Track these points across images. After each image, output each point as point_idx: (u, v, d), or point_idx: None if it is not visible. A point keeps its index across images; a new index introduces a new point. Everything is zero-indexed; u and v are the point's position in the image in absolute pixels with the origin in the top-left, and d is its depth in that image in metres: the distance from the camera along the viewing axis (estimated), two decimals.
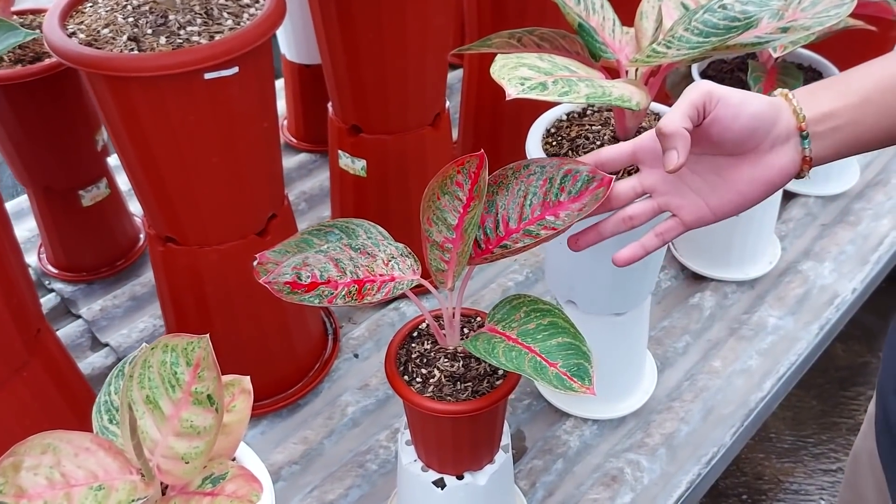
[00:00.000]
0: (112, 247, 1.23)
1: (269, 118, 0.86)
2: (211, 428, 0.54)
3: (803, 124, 0.59)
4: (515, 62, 0.68)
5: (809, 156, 0.60)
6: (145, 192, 0.85)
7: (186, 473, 0.55)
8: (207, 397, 0.54)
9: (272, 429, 1.04)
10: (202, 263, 0.90)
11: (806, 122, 0.59)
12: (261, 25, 0.77)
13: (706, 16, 0.72)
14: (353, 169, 1.11)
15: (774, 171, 0.59)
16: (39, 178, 1.11)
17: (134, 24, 0.77)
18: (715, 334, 1.17)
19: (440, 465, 0.78)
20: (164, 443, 0.56)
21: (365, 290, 0.65)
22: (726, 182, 0.61)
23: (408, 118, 1.06)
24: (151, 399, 0.56)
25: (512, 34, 0.80)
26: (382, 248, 0.69)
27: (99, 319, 1.18)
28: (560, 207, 0.68)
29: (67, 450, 0.54)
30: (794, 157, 0.60)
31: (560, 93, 0.66)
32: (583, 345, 0.64)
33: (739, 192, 0.60)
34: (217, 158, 0.82)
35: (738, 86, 1.06)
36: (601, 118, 0.88)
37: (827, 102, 0.60)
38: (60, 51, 0.74)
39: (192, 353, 0.55)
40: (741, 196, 0.60)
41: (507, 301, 0.69)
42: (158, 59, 0.73)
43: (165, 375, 0.55)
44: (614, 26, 0.82)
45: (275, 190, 0.93)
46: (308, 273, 0.65)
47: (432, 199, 0.68)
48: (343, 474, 0.98)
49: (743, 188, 0.60)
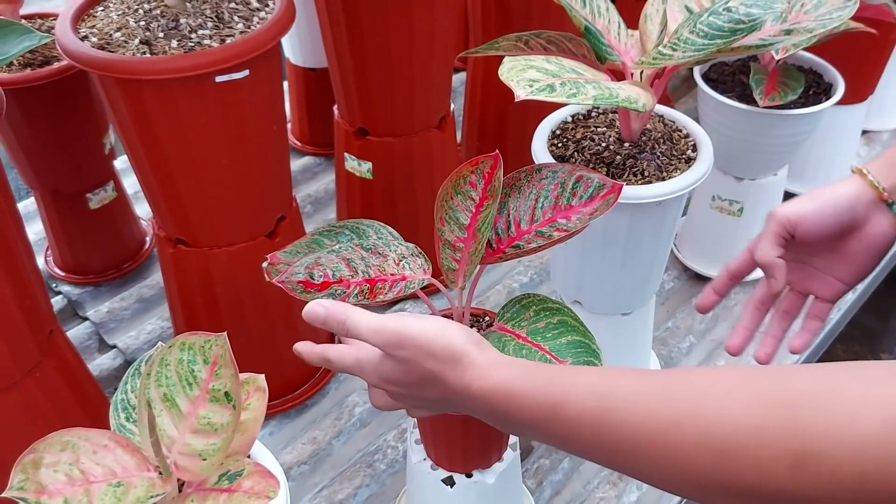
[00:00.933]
0: (119, 249, 1.24)
1: (278, 120, 0.87)
2: (228, 425, 0.55)
3: (885, 195, 0.62)
4: (524, 64, 0.69)
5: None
6: (156, 194, 0.86)
7: (203, 470, 0.56)
8: (225, 394, 0.55)
9: (281, 429, 1.05)
10: (212, 265, 0.91)
11: (887, 193, 0.62)
12: (271, 29, 0.78)
13: (711, 18, 0.73)
14: (359, 171, 1.12)
15: (879, 239, 0.64)
16: (47, 181, 1.12)
17: (146, 28, 0.78)
18: (719, 334, 1.18)
19: (449, 464, 0.79)
20: (181, 440, 0.56)
21: (377, 289, 0.66)
22: (845, 258, 0.65)
23: (414, 121, 1.07)
24: (169, 397, 0.56)
25: (519, 37, 0.81)
26: (393, 247, 0.70)
27: (107, 322, 1.19)
28: (571, 211, 0.69)
29: (86, 447, 0.55)
30: (890, 221, 0.63)
31: (568, 94, 0.67)
32: (592, 343, 0.64)
33: (859, 264, 0.65)
34: (227, 160, 0.82)
35: (739, 88, 1.08)
36: (606, 120, 0.89)
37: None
38: (73, 54, 0.75)
39: (209, 350, 0.56)
40: (862, 266, 0.65)
41: (517, 300, 0.70)
42: (171, 62, 0.74)
43: (182, 373, 0.56)
44: (619, 29, 0.83)
45: (283, 192, 0.94)
46: (321, 272, 0.66)
47: (445, 199, 0.68)
48: (352, 474, 0.98)
49: (860, 259, 0.65)
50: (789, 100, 1.01)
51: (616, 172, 0.82)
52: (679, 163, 0.84)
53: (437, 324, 0.53)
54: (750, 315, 0.71)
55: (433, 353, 0.52)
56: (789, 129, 1.04)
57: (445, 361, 0.52)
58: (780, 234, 0.64)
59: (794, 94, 1.01)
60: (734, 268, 0.70)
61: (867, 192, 0.63)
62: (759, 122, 1.03)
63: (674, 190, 0.80)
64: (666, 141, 0.86)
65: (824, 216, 0.63)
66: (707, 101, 1.07)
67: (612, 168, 0.83)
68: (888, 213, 0.63)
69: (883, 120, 1.52)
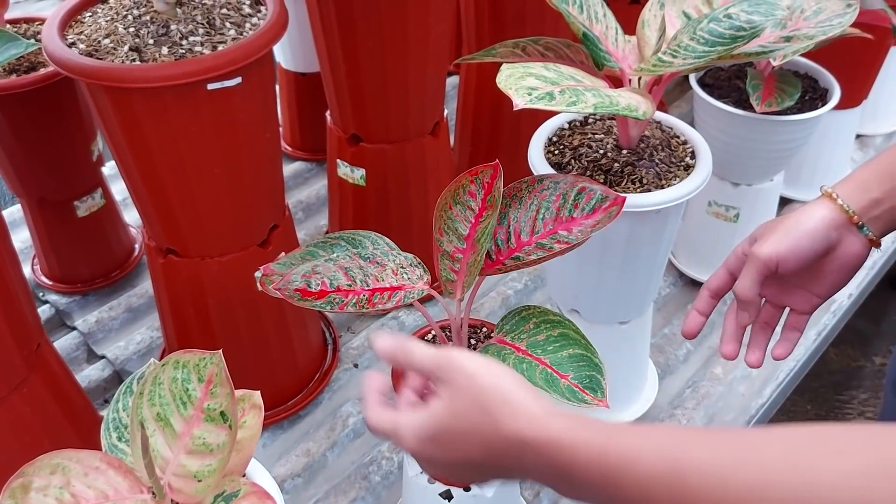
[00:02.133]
0: (107, 258, 1.22)
1: (270, 128, 0.85)
2: (224, 445, 0.53)
3: (854, 217, 0.63)
4: (522, 72, 0.68)
5: (873, 237, 0.64)
6: (146, 204, 0.84)
7: (199, 492, 0.54)
8: (220, 414, 0.54)
9: (273, 441, 1.03)
10: (204, 275, 0.89)
11: (857, 216, 0.63)
12: (264, 35, 0.76)
13: (712, 25, 0.72)
14: (352, 178, 1.10)
15: (852, 259, 0.65)
16: (34, 188, 1.10)
17: (135, 35, 0.76)
18: (716, 341, 1.17)
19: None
20: (175, 461, 0.55)
21: (376, 299, 0.65)
22: (820, 276, 0.67)
23: (408, 127, 1.05)
24: (162, 416, 0.55)
25: (516, 43, 0.80)
26: (391, 257, 0.68)
27: (95, 332, 1.17)
28: (573, 223, 0.68)
29: (77, 469, 0.53)
30: (861, 241, 0.64)
31: (568, 103, 0.66)
32: (594, 356, 0.63)
33: (832, 280, 0.67)
34: (219, 169, 0.81)
35: (735, 94, 1.07)
36: (603, 127, 0.88)
37: (874, 190, 0.63)
38: (60, 61, 0.73)
39: (204, 368, 0.54)
40: (836, 282, 0.67)
41: (516, 312, 0.69)
42: (161, 70, 0.72)
43: (177, 392, 0.55)
44: (617, 35, 0.82)
45: (276, 200, 0.93)
46: (318, 281, 0.65)
47: (444, 209, 0.67)
48: (347, 487, 0.97)
49: (834, 277, 0.66)
50: (786, 105, 1.00)
51: (614, 180, 0.81)
52: (678, 170, 0.83)
53: (483, 359, 0.49)
54: (704, 301, 0.71)
55: (482, 388, 0.47)
56: (786, 134, 1.03)
57: (493, 399, 0.47)
58: (762, 274, 0.65)
59: (791, 99, 1.00)
60: (714, 286, 0.71)
61: (838, 216, 0.64)
62: (755, 128, 1.03)
63: (673, 198, 0.79)
64: (664, 148, 0.85)
65: (801, 249, 0.64)
66: (703, 107, 1.07)
67: (610, 175, 0.82)
68: (859, 234, 0.64)
69: (877, 124, 1.52)
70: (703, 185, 0.81)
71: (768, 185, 1.13)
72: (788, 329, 0.70)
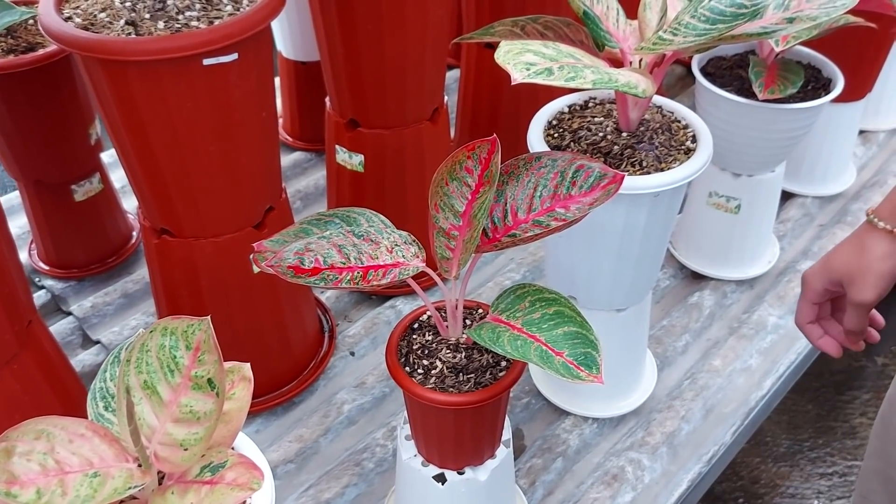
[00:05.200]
0: (104, 243, 1.21)
1: (267, 108, 0.85)
2: (211, 413, 0.53)
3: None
4: (521, 48, 0.67)
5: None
6: (140, 181, 0.83)
7: (185, 461, 0.53)
8: (208, 381, 0.53)
9: (267, 427, 1.03)
10: (197, 256, 0.89)
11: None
12: (261, 11, 0.75)
13: (713, 3, 0.71)
14: (350, 164, 1.09)
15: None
16: (30, 171, 1.09)
17: (132, 9, 0.75)
18: (715, 333, 1.16)
19: (441, 460, 0.76)
20: (161, 429, 0.54)
21: (370, 276, 0.64)
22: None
23: (406, 112, 1.05)
24: (149, 384, 0.54)
25: (515, 22, 0.79)
26: (386, 235, 0.68)
27: (90, 317, 1.16)
28: (570, 200, 0.67)
29: (62, 436, 0.52)
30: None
31: (566, 78, 0.65)
32: (590, 333, 0.62)
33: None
34: (214, 147, 0.80)
35: (737, 82, 1.06)
36: (603, 110, 0.88)
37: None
38: (56, 34, 0.73)
39: (192, 335, 0.53)
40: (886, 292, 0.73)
41: (511, 290, 0.68)
42: (156, 43, 0.71)
43: (164, 360, 0.54)
44: (618, 16, 0.82)
45: (272, 182, 0.92)
46: (311, 258, 0.64)
47: (440, 185, 0.66)
48: (339, 473, 0.96)
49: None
50: (789, 93, 0.99)
51: (613, 163, 0.81)
52: (678, 154, 0.82)
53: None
54: (810, 331, 0.79)
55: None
56: (788, 123, 1.02)
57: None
58: (821, 298, 0.75)
59: (794, 87, 0.99)
60: (809, 319, 0.78)
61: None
62: (757, 116, 1.02)
63: (672, 181, 0.78)
64: (664, 131, 0.84)
65: (886, 290, 0.71)
66: (705, 95, 1.06)
67: (610, 158, 0.81)
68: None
69: (879, 120, 1.51)
70: (703, 167, 0.80)
71: (769, 177, 1.12)
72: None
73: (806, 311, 0.77)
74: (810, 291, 0.75)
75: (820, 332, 0.78)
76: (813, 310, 0.77)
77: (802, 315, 0.78)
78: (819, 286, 0.74)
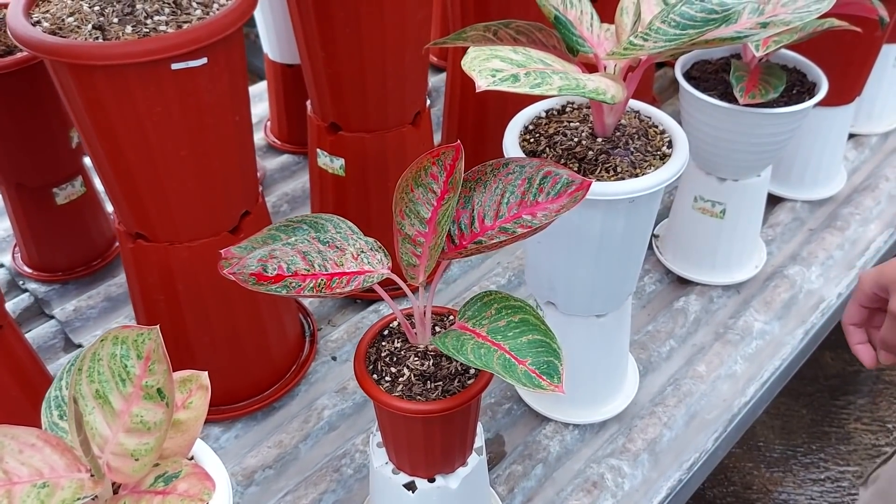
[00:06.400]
0: (87, 246, 1.21)
1: (241, 112, 0.84)
2: (161, 423, 0.52)
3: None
4: (488, 54, 0.67)
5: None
6: (113, 186, 0.83)
7: (136, 471, 0.53)
8: (157, 391, 0.52)
9: (246, 432, 1.02)
10: (173, 261, 0.88)
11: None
12: (229, 15, 0.75)
13: (684, 8, 0.70)
14: (331, 168, 1.09)
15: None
16: (11, 174, 1.09)
17: (100, 13, 0.75)
18: (700, 339, 1.15)
19: (411, 468, 0.76)
20: (114, 439, 0.53)
21: (334, 283, 0.63)
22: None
23: (387, 116, 1.04)
24: (101, 394, 0.53)
25: (487, 27, 0.78)
26: (352, 241, 0.67)
27: (73, 320, 1.16)
28: (537, 207, 0.66)
29: (11, 446, 0.52)
30: None
31: (532, 84, 0.64)
32: (553, 342, 0.62)
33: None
34: (186, 152, 0.80)
35: (721, 87, 1.05)
36: (580, 115, 0.87)
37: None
38: (23, 38, 0.73)
39: (142, 345, 0.53)
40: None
41: (479, 298, 0.67)
42: (124, 47, 0.71)
43: (115, 369, 0.53)
44: (592, 20, 0.81)
45: (248, 186, 0.91)
46: (275, 265, 0.63)
47: (405, 191, 0.66)
48: (318, 479, 0.95)
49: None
50: (770, 98, 0.98)
51: (588, 168, 0.80)
52: (654, 159, 0.81)
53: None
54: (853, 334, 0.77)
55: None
56: (771, 128, 1.01)
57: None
58: (871, 300, 0.72)
59: (776, 91, 0.98)
60: (857, 321, 0.76)
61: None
62: (739, 121, 1.01)
63: (647, 186, 0.77)
64: (641, 136, 0.83)
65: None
66: (688, 100, 1.05)
67: (584, 163, 0.80)
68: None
69: (872, 124, 1.49)
70: (678, 174, 0.79)
71: (755, 181, 1.11)
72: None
73: (853, 312, 0.76)
74: (860, 293, 0.74)
75: (861, 338, 0.76)
76: (860, 312, 0.75)
77: (849, 315, 0.76)
78: (868, 289, 0.73)
